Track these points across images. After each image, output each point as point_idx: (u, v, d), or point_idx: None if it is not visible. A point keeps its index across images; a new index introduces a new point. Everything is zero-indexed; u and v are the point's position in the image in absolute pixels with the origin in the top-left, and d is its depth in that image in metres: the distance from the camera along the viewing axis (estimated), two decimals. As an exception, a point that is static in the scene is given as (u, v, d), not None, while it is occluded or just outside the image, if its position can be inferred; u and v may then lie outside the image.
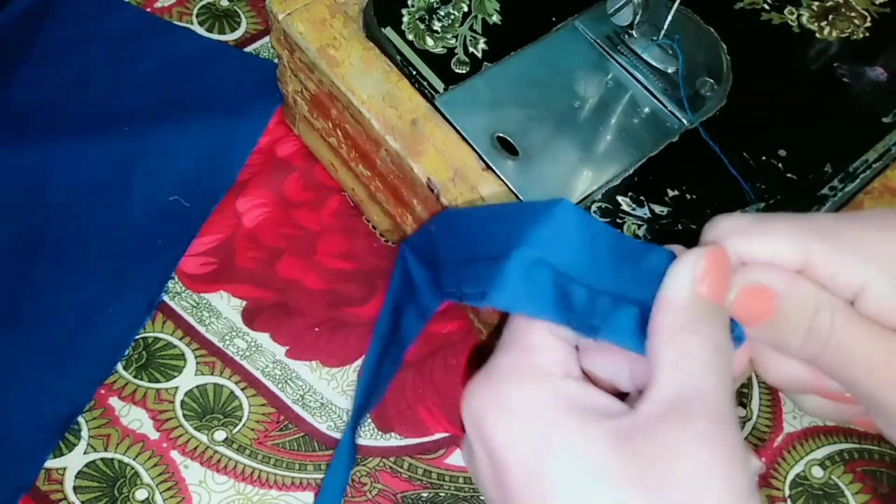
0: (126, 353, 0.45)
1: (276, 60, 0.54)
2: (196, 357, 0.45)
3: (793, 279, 0.24)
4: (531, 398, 0.23)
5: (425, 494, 0.42)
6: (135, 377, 0.44)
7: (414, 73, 0.43)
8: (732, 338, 0.25)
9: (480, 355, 0.46)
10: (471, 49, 0.44)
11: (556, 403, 0.23)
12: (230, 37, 0.56)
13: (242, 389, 0.44)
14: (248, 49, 0.56)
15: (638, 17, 0.43)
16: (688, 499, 0.20)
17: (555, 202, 0.26)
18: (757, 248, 0.25)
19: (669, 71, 0.44)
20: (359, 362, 0.46)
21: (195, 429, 0.43)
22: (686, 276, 0.24)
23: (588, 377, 0.27)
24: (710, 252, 0.24)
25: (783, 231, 0.25)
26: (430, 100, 0.42)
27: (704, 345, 0.23)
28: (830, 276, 0.24)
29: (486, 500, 0.25)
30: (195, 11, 0.57)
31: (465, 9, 0.45)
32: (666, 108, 0.44)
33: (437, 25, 0.44)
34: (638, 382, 0.26)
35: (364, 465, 0.43)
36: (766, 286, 0.24)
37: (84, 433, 0.42)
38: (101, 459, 0.42)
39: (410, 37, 0.44)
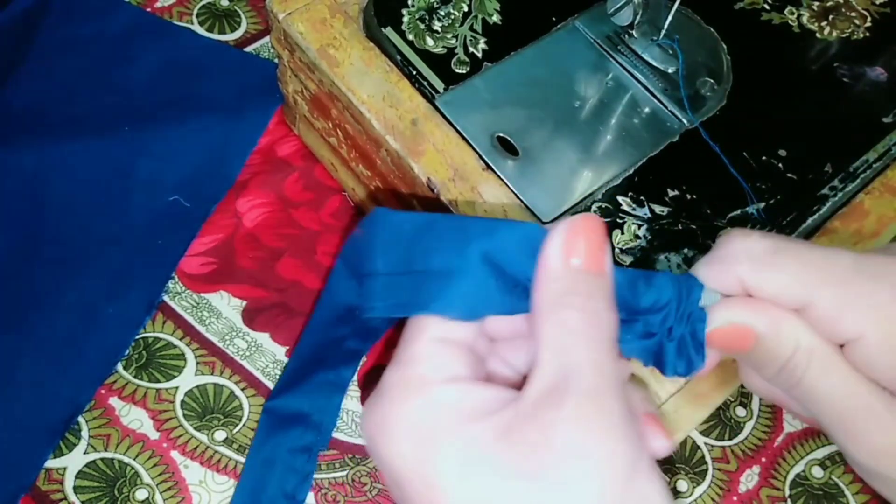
0: (126, 353, 0.45)
1: (276, 60, 0.54)
2: (196, 357, 0.45)
3: (775, 319, 0.25)
4: (411, 412, 0.23)
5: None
6: (135, 377, 0.44)
7: (414, 73, 0.43)
8: (692, 355, 0.26)
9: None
10: (471, 49, 0.44)
11: (435, 412, 0.22)
12: (230, 37, 0.56)
13: (242, 389, 0.44)
14: (248, 49, 0.56)
15: (638, 17, 0.43)
16: (566, 479, 0.20)
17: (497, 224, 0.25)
18: (763, 282, 0.25)
19: (669, 71, 0.44)
20: (358, 362, 0.46)
21: (195, 429, 0.43)
22: (556, 248, 0.23)
23: (505, 369, 0.27)
24: (578, 221, 0.23)
25: (792, 270, 0.24)
26: (430, 100, 0.42)
27: (581, 318, 0.22)
28: (829, 322, 0.24)
29: None
30: (195, 11, 0.57)
31: (465, 9, 0.45)
32: (666, 108, 0.44)
33: (437, 25, 0.44)
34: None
35: (364, 465, 0.43)
36: (746, 326, 0.25)
37: (84, 433, 0.42)
38: (101, 459, 0.42)
39: (410, 37, 0.44)
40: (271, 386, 0.45)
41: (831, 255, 0.25)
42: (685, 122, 0.43)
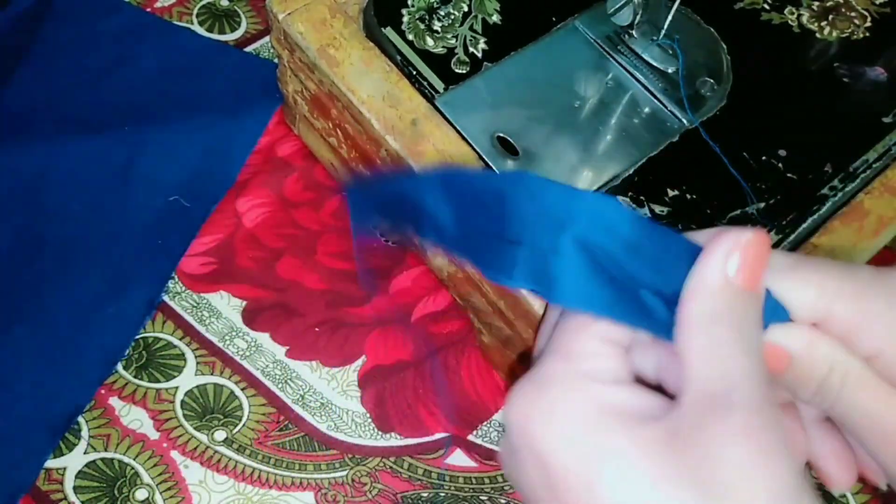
0: (126, 353, 0.45)
1: (276, 60, 0.54)
2: (196, 357, 0.45)
3: (809, 340, 0.24)
4: (579, 404, 0.23)
5: (425, 494, 0.42)
6: (135, 377, 0.44)
7: (414, 73, 0.43)
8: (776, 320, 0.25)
9: (521, 360, 0.46)
10: (471, 49, 0.44)
11: (603, 410, 0.22)
12: (230, 37, 0.56)
13: (242, 389, 0.44)
14: (248, 49, 0.56)
15: (638, 17, 0.43)
16: (736, 492, 0.20)
17: (580, 193, 0.24)
18: (783, 293, 0.24)
19: (669, 71, 0.44)
20: (359, 362, 0.46)
21: (195, 429, 0.43)
22: (718, 262, 0.23)
23: (640, 377, 0.26)
24: (744, 238, 0.23)
25: (812, 282, 0.24)
26: (430, 100, 0.42)
27: (735, 333, 0.22)
28: (846, 337, 0.24)
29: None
30: (195, 11, 0.57)
31: (465, 9, 0.45)
32: (666, 108, 0.44)
33: (437, 25, 0.44)
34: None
35: (364, 465, 0.43)
36: (780, 347, 0.24)
37: (84, 433, 0.42)
38: (101, 459, 0.42)
39: (410, 37, 0.44)
40: (271, 386, 0.45)
41: (850, 269, 0.25)
42: (685, 122, 0.43)
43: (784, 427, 0.22)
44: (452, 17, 0.45)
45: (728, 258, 0.23)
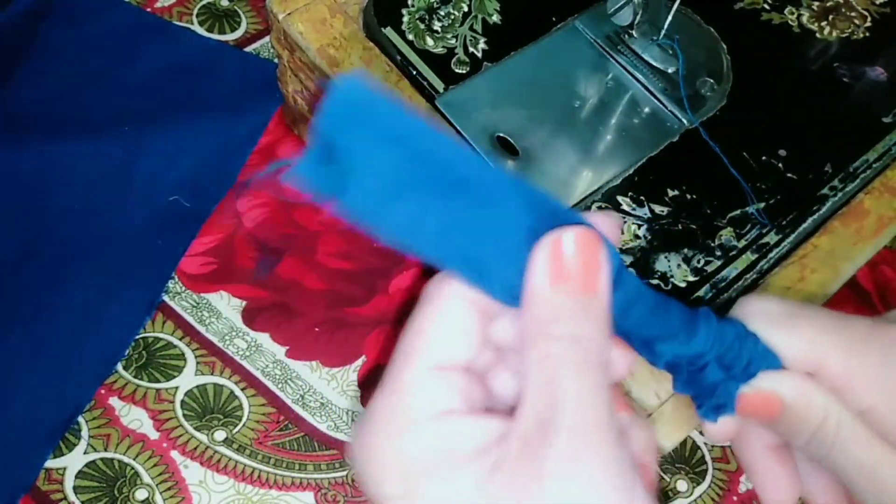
0: (126, 353, 0.45)
1: (276, 60, 0.54)
2: (196, 357, 0.45)
3: (803, 388, 0.24)
4: (398, 448, 0.21)
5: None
6: (135, 377, 0.44)
7: (414, 73, 0.43)
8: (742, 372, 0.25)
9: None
10: (471, 49, 0.44)
11: (422, 451, 0.21)
12: (230, 37, 0.56)
13: (242, 389, 0.44)
14: (248, 49, 0.56)
15: (638, 17, 0.43)
16: None
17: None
18: (778, 342, 0.24)
19: (669, 71, 0.44)
20: (359, 362, 0.46)
21: (195, 429, 0.43)
22: (542, 267, 0.21)
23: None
24: (569, 235, 0.21)
25: (807, 333, 0.24)
26: (430, 100, 0.42)
27: (570, 347, 0.21)
28: (840, 389, 0.24)
29: None
30: (195, 11, 0.57)
31: (465, 9, 0.45)
32: (666, 108, 0.44)
33: (437, 25, 0.44)
34: None
35: (364, 465, 0.43)
36: (772, 393, 0.24)
37: (84, 433, 0.42)
38: (101, 459, 0.42)
39: (410, 37, 0.44)
40: (271, 386, 0.45)
41: (846, 321, 0.24)
42: (685, 122, 0.43)
43: (623, 450, 0.20)
44: (452, 17, 0.45)
45: (553, 260, 0.21)
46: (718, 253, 0.39)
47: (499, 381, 0.25)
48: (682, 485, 0.45)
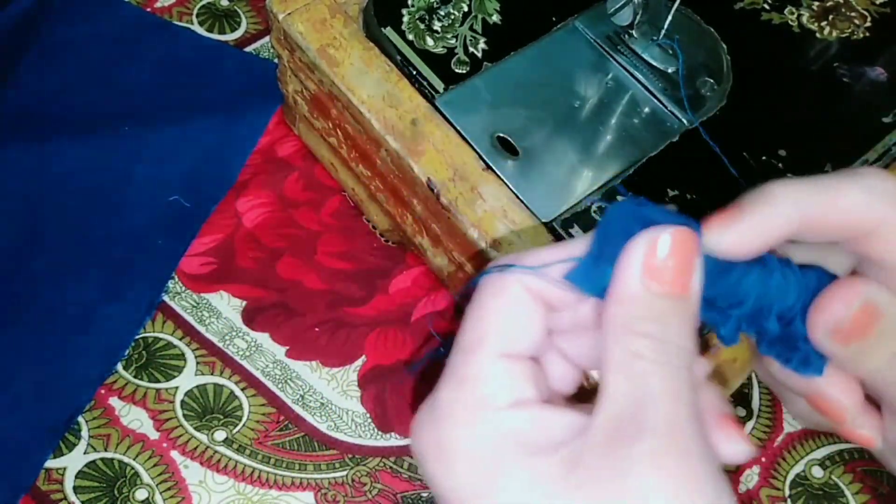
0: (126, 353, 0.45)
1: (276, 60, 0.54)
2: (196, 357, 0.45)
3: (890, 297, 0.22)
4: (474, 438, 0.21)
5: (425, 494, 0.42)
6: (135, 377, 0.44)
7: (414, 73, 0.43)
8: (810, 367, 0.24)
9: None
10: (471, 49, 0.44)
11: (499, 440, 0.21)
12: (230, 37, 0.56)
13: (242, 389, 0.44)
14: (248, 49, 0.56)
15: (638, 17, 0.43)
16: None
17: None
18: (832, 203, 0.22)
19: (669, 71, 0.44)
20: (359, 362, 0.46)
21: (195, 429, 0.43)
22: (635, 265, 0.21)
23: (569, 361, 0.25)
24: (666, 236, 0.21)
25: (860, 189, 0.22)
26: (430, 100, 0.42)
27: (657, 347, 0.20)
28: (841, 219, 0.22)
29: None
30: (195, 11, 0.57)
31: (465, 9, 0.45)
32: (666, 108, 0.44)
33: (437, 25, 0.44)
34: None
35: (364, 465, 0.43)
36: (877, 304, 0.22)
37: (84, 433, 0.42)
38: (101, 459, 0.42)
39: (410, 37, 0.44)
40: (271, 386, 0.45)
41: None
42: (685, 122, 0.43)
43: (710, 451, 0.20)
44: (452, 17, 0.45)
45: (648, 259, 0.21)
46: (718, 253, 0.39)
47: (549, 362, 0.25)
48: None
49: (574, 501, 0.19)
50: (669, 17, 0.44)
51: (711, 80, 0.45)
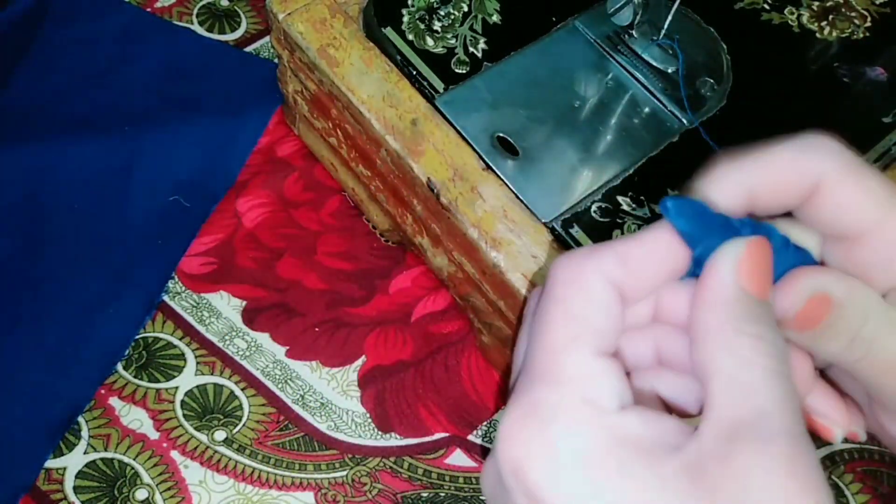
0: (126, 353, 0.45)
1: (276, 60, 0.54)
2: (196, 357, 0.45)
3: (849, 285, 0.22)
4: (586, 443, 0.20)
5: (425, 494, 0.42)
6: (135, 377, 0.44)
7: (414, 73, 0.43)
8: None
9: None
10: (471, 49, 0.44)
11: (615, 445, 0.20)
12: (230, 37, 0.56)
13: (242, 389, 0.44)
14: (248, 49, 0.56)
15: (638, 17, 0.43)
16: None
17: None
18: (852, 182, 0.23)
19: (669, 71, 0.44)
20: (359, 362, 0.46)
21: (195, 429, 0.43)
22: (731, 266, 0.21)
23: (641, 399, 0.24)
24: (754, 242, 0.21)
25: (877, 181, 0.23)
26: (430, 100, 0.42)
27: (760, 348, 0.20)
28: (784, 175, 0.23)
29: None
30: (195, 11, 0.57)
31: (465, 9, 0.45)
32: (666, 108, 0.44)
33: (437, 25, 0.44)
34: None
35: (364, 465, 0.43)
36: (829, 294, 0.22)
37: (84, 433, 0.42)
38: (101, 459, 0.42)
39: (410, 37, 0.44)
40: (271, 386, 0.45)
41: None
42: (685, 122, 0.43)
43: (814, 452, 0.19)
44: (452, 17, 0.45)
45: (742, 263, 0.21)
46: (718, 253, 0.39)
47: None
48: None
49: (703, 502, 0.19)
50: (669, 17, 0.44)
51: (711, 80, 0.45)
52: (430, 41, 0.44)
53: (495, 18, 0.45)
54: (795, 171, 0.23)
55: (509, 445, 0.20)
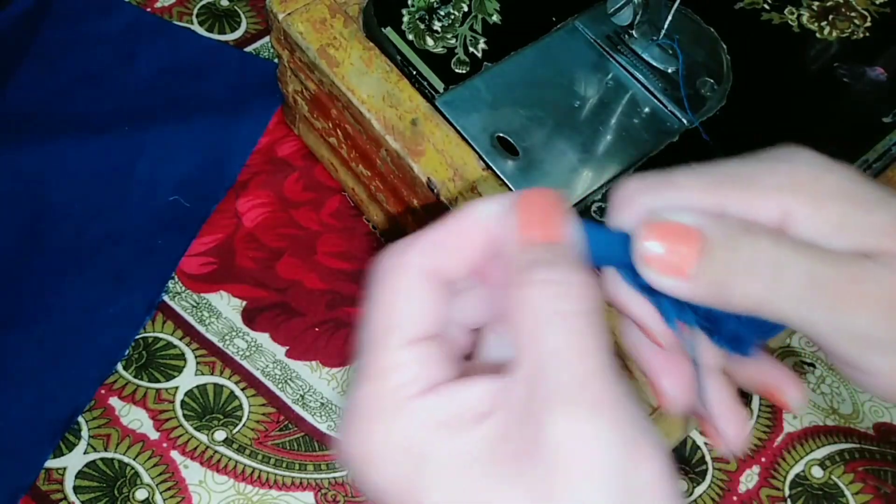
0: (126, 353, 0.45)
1: (276, 60, 0.54)
2: (196, 357, 0.45)
3: (713, 216, 0.22)
4: (393, 433, 0.21)
5: (425, 494, 0.42)
6: (135, 377, 0.44)
7: (414, 73, 0.43)
8: (738, 347, 0.23)
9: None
10: (471, 49, 0.44)
11: (419, 429, 0.20)
12: (230, 37, 0.56)
13: (242, 389, 0.44)
14: (248, 49, 0.56)
15: (638, 17, 0.43)
16: (564, 491, 0.18)
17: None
18: (668, 200, 0.23)
19: (669, 71, 0.44)
20: (359, 362, 0.46)
21: (195, 429, 0.43)
22: (511, 223, 0.22)
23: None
24: (525, 196, 0.22)
25: (693, 182, 0.23)
26: (430, 100, 0.42)
27: (546, 291, 0.20)
28: (747, 215, 0.22)
29: None
30: (195, 11, 0.57)
31: (465, 9, 0.45)
32: (666, 108, 0.44)
33: (437, 25, 0.44)
34: None
35: (364, 465, 0.43)
36: (685, 225, 0.22)
37: (84, 433, 0.42)
38: (101, 459, 0.42)
39: (410, 37, 0.44)
40: (271, 386, 0.45)
41: (718, 163, 0.24)
42: (685, 122, 0.43)
43: (629, 395, 0.20)
44: (452, 17, 0.45)
45: (520, 216, 0.22)
46: (718, 253, 0.39)
47: (489, 345, 0.25)
48: (682, 485, 0.45)
49: (502, 473, 0.19)
50: (669, 17, 0.44)
51: (711, 80, 0.45)
52: (430, 41, 0.44)
53: (495, 18, 0.45)
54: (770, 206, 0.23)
55: (341, 445, 0.22)
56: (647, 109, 0.44)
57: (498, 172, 0.40)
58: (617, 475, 0.19)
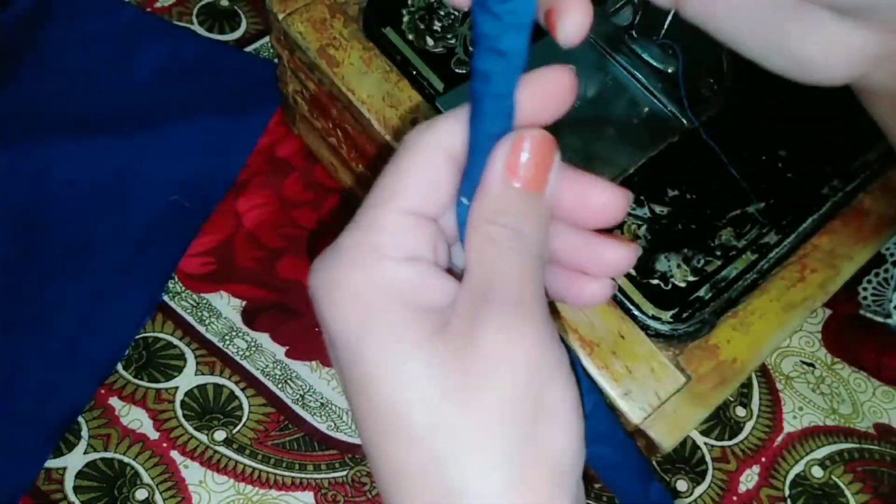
0: (126, 353, 0.45)
1: (276, 60, 0.54)
2: (196, 357, 0.45)
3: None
4: (361, 281, 0.22)
5: (425, 494, 0.42)
6: (135, 377, 0.44)
7: (414, 73, 0.43)
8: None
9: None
10: (471, 49, 0.44)
11: (386, 288, 0.22)
12: (230, 37, 0.56)
13: (242, 389, 0.44)
14: (248, 49, 0.56)
15: (638, 17, 0.43)
16: (484, 380, 0.21)
17: None
18: None
19: (669, 71, 0.44)
20: (359, 362, 0.46)
21: (195, 429, 0.43)
22: (499, 164, 0.23)
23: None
24: (525, 137, 0.23)
25: None
26: (430, 100, 0.42)
27: (509, 234, 0.22)
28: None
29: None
30: (195, 11, 0.57)
31: (465, 8, 0.45)
32: (666, 108, 0.44)
33: (437, 25, 0.44)
34: None
35: (364, 465, 0.43)
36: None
37: (84, 433, 0.42)
38: (101, 459, 0.42)
39: (410, 37, 0.44)
40: (271, 386, 0.45)
41: None
42: (685, 122, 0.43)
43: (552, 325, 0.22)
44: (452, 16, 0.45)
45: (510, 158, 0.23)
46: (718, 253, 0.39)
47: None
48: (681, 485, 0.45)
49: (436, 353, 0.21)
50: (669, 17, 0.44)
51: (711, 80, 0.45)
52: (430, 41, 0.44)
53: (495, 18, 0.45)
54: None
55: (309, 279, 0.24)
56: (647, 109, 0.44)
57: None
58: (529, 375, 0.21)
